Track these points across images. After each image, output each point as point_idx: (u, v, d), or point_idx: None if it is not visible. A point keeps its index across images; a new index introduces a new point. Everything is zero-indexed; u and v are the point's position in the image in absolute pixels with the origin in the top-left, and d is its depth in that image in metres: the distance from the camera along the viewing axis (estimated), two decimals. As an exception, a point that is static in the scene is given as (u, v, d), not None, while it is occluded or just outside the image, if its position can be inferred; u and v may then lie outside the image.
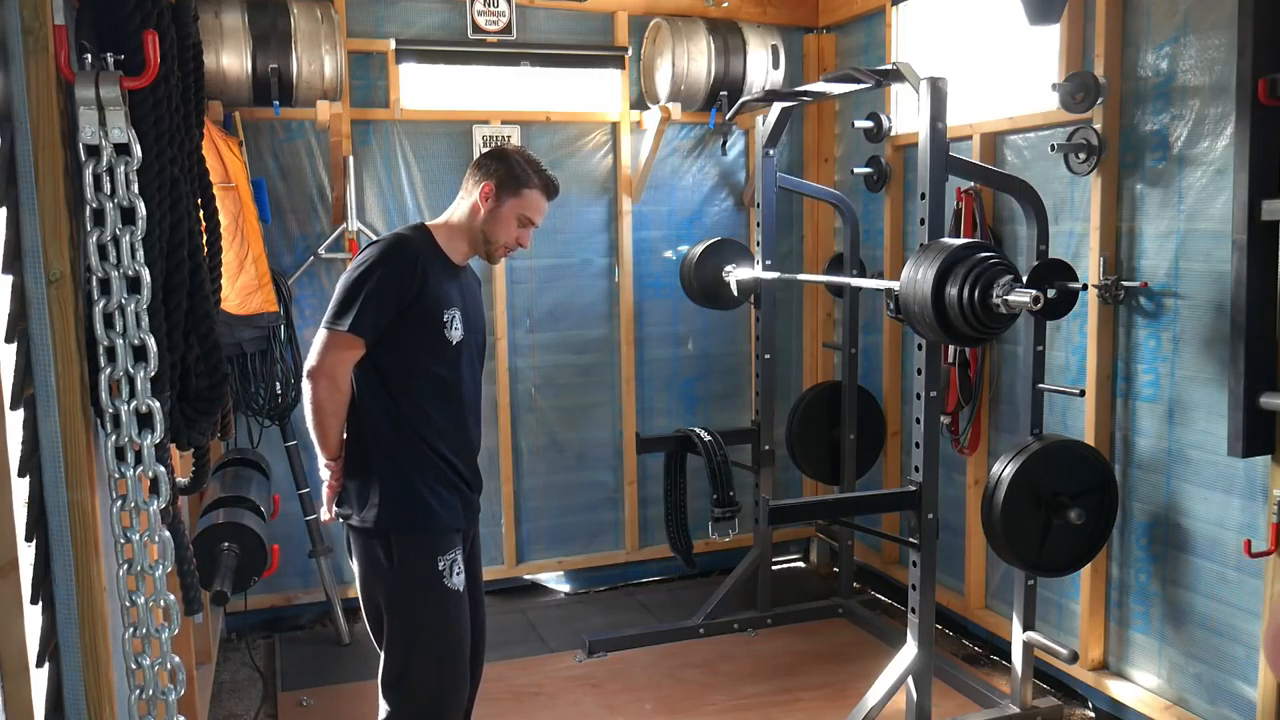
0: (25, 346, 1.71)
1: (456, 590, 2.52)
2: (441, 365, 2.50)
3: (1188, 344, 3.10)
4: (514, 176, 2.52)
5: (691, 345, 4.88)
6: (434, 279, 2.47)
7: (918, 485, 3.15)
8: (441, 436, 2.52)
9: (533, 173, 2.54)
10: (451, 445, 2.54)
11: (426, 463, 2.50)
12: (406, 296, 2.42)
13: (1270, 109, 2.53)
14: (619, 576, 4.84)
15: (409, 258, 2.44)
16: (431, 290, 2.45)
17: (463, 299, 2.56)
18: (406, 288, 2.42)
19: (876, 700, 3.16)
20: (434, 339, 2.47)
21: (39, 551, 1.74)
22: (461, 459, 2.57)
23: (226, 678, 3.90)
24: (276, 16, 3.82)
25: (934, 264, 2.73)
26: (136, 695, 1.90)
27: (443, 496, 2.51)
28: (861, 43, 4.61)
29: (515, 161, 2.55)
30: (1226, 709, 3.05)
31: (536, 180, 2.55)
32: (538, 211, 2.58)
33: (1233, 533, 2.98)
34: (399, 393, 2.47)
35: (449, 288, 2.52)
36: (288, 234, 4.22)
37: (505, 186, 2.52)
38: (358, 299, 2.39)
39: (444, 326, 2.48)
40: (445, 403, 2.53)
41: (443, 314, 2.48)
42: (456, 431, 2.56)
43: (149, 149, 1.84)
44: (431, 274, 2.46)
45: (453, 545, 2.53)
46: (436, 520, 2.50)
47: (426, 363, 2.48)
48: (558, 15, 4.47)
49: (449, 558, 2.51)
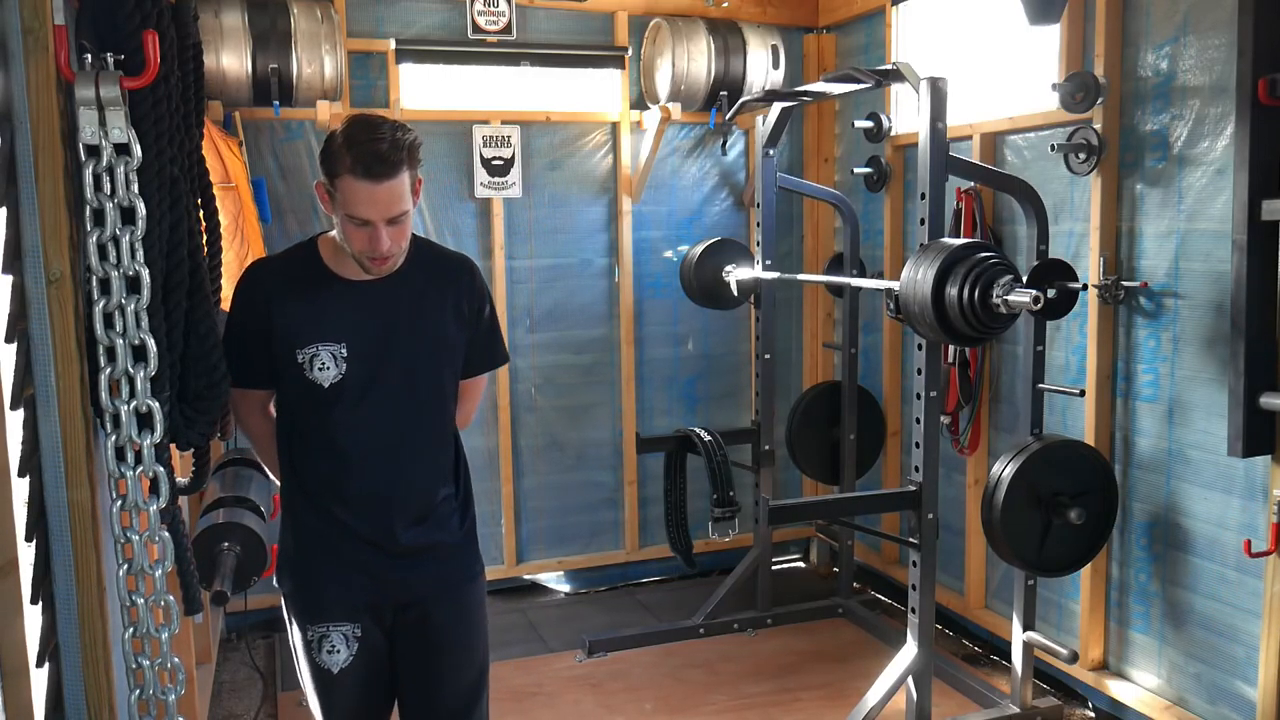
0: (25, 346, 1.70)
1: (328, 670, 2.11)
2: (313, 411, 2.06)
3: (1188, 344, 3.10)
4: (328, 164, 1.93)
5: (691, 345, 4.88)
6: (287, 309, 2.03)
7: (918, 485, 3.15)
8: (326, 488, 2.10)
9: (346, 150, 1.88)
10: (344, 502, 2.10)
11: (311, 519, 2.12)
12: (259, 337, 2.04)
13: (1270, 109, 2.53)
14: (619, 576, 4.84)
15: (247, 291, 2.08)
16: (282, 326, 2.02)
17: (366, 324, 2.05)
18: (251, 328, 2.05)
19: (876, 700, 3.16)
20: (297, 382, 2.04)
21: (39, 551, 1.74)
22: (352, 514, 2.10)
23: (226, 678, 3.90)
24: (276, 16, 3.82)
25: (934, 264, 2.72)
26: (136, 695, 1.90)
27: (324, 561, 2.12)
28: (861, 43, 4.61)
29: (333, 139, 1.93)
30: (1226, 709, 3.05)
31: (349, 160, 1.88)
32: (359, 203, 1.90)
33: (1232, 533, 2.98)
34: (290, 436, 2.13)
35: (318, 315, 2.03)
36: (288, 234, 4.21)
37: (329, 180, 1.94)
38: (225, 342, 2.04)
39: (302, 369, 2.02)
40: (329, 454, 2.09)
41: (296, 354, 2.02)
42: (349, 487, 2.09)
43: (149, 149, 1.84)
44: (283, 305, 2.03)
45: (328, 618, 2.11)
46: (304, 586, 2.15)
47: (298, 409, 2.09)
48: (558, 15, 4.47)
49: (319, 630, 2.11)
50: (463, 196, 4.44)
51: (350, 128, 1.91)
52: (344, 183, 1.89)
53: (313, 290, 2.04)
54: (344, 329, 2.03)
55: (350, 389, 2.04)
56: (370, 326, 2.05)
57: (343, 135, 1.90)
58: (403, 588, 2.14)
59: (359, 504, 2.09)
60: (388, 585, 2.13)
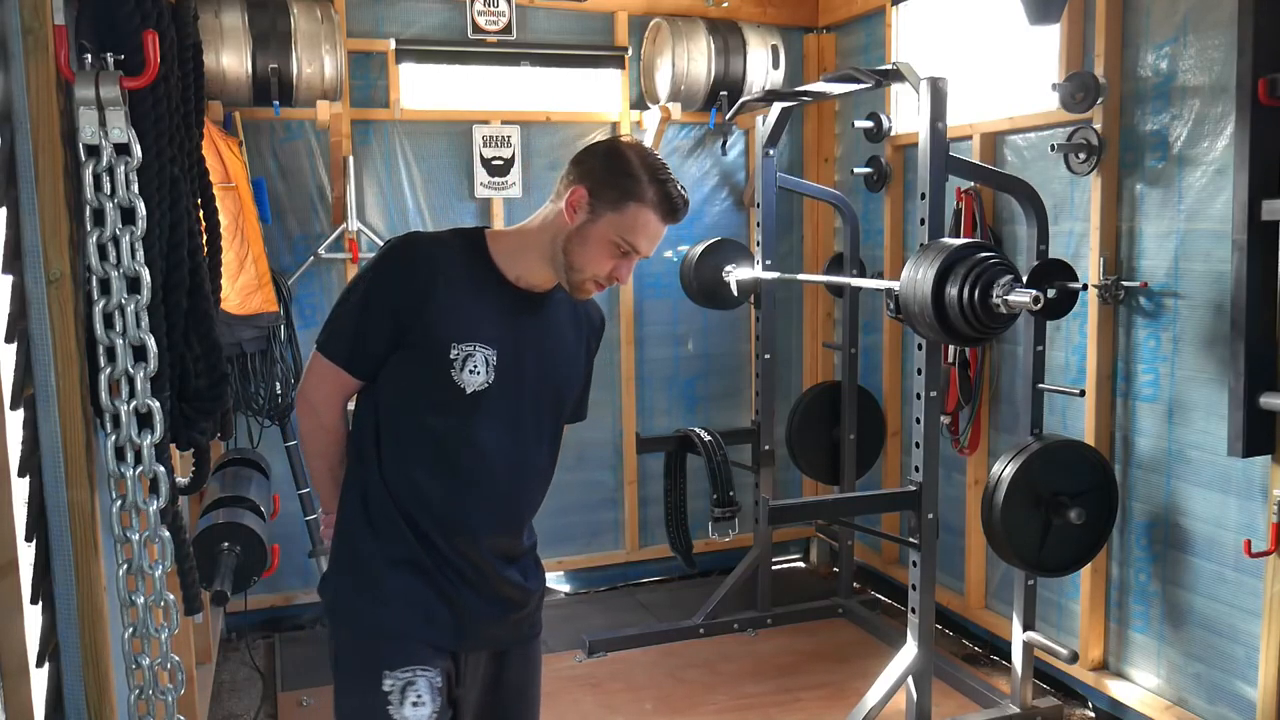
0: (25, 346, 1.71)
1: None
2: (441, 418, 1.81)
3: (1188, 344, 3.10)
4: (619, 181, 1.76)
5: (691, 345, 4.87)
6: (450, 298, 1.79)
7: (918, 485, 3.15)
8: (428, 513, 1.83)
9: (647, 181, 1.76)
10: (446, 530, 1.83)
11: (401, 544, 1.83)
12: (402, 318, 1.78)
13: (1270, 109, 2.53)
14: (619, 576, 4.84)
15: (409, 265, 1.80)
16: (438, 313, 1.78)
17: (517, 337, 1.84)
18: (401, 305, 1.78)
19: (876, 700, 3.16)
20: (434, 381, 1.79)
21: (39, 551, 1.74)
22: (455, 548, 1.84)
23: (226, 678, 3.90)
24: (276, 16, 3.82)
25: (934, 264, 2.72)
26: (136, 695, 1.90)
27: (413, 594, 1.83)
28: (861, 43, 4.61)
29: (626, 160, 1.78)
30: (1226, 709, 3.05)
31: (651, 192, 1.76)
32: (644, 236, 1.78)
33: (1232, 533, 2.98)
34: (386, 443, 1.84)
35: (480, 314, 1.81)
36: (288, 234, 4.22)
37: (603, 194, 1.77)
38: (337, 315, 1.85)
39: (450, 366, 1.78)
40: (445, 472, 1.83)
41: (450, 348, 1.78)
42: (453, 511, 1.84)
43: (149, 149, 1.84)
44: (448, 291, 1.79)
45: (415, 660, 1.80)
46: (388, 620, 1.82)
47: (422, 412, 1.82)
48: (558, 15, 4.47)
49: (403, 677, 1.79)
50: (463, 197, 4.44)
51: (647, 157, 1.79)
52: (637, 210, 1.76)
53: (479, 285, 1.83)
54: (498, 335, 1.82)
55: (491, 400, 1.82)
56: (518, 341, 1.85)
57: (640, 162, 1.77)
58: (488, 636, 1.91)
59: (467, 532, 1.85)
60: (475, 630, 1.88)
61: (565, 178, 1.82)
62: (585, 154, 1.83)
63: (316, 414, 1.89)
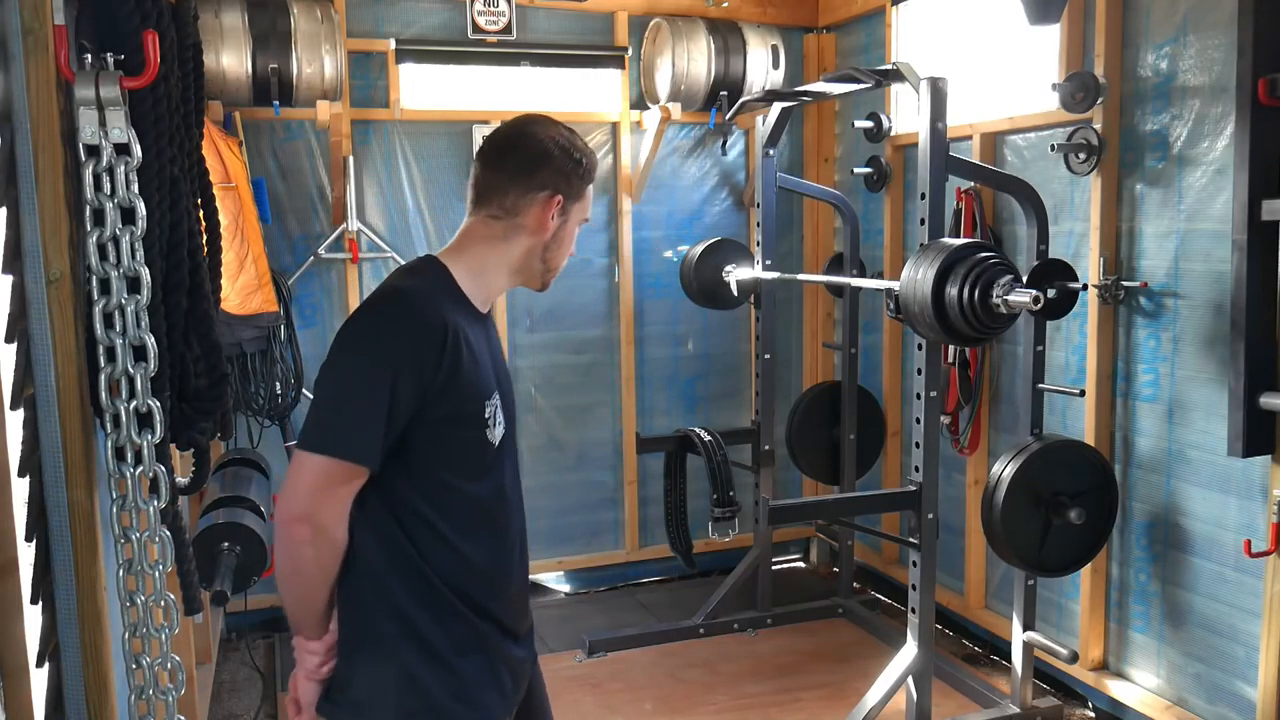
0: (25, 346, 1.71)
1: None
2: (479, 482, 1.66)
3: (1188, 344, 3.10)
4: (575, 171, 1.73)
5: (691, 345, 4.88)
6: (468, 353, 1.60)
7: (918, 485, 3.15)
8: (481, 581, 1.67)
9: (585, 158, 1.75)
10: (494, 592, 1.69)
11: (460, 626, 1.65)
12: (431, 394, 1.56)
13: (1270, 109, 2.53)
14: (619, 576, 4.84)
15: (427, 332, 1.56)
16: (466, 374, 1.59)
17: (495, 366, 1.73)
18: (429, 376, 1.55)
19: (876, 700, 3.16)
20: (470, 446, 1.64)
21: (39, 551, 1.74)
22: (504, 606, 1.72)
23: (226, 678, 3.90)
24: (276, 16, 3.82)
25: (934, 264, 2.73)
26: (136, 695, 1.90)
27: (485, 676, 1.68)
28: (861, 43, 4.61)
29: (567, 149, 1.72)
30: (1226, 709, 3.05)
31: (591, 165, 1.78)
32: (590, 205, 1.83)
33: (1232, 533, 2.98)
34: (416, 527, 1.62)
35: (481, 358, 1.66)
36: (288, 234, 4.22)
37: (570, 192, 1.73)
38: (341, 406, 1.56)
39: (485, 425, 1.64)
40: (488, 533, 1.69)
41: (484, 407, 1.64)
42: (500, 570, 1.72)
43: (149, 149, 1.84)
44: (470, 346, 1.61)
45: None
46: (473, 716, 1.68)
47: (461, 482, 1.64)
48: (558, 15, 4.47)
49: None
50: (462, 197, 4.37)
51: (566, 134, 1.74)
52: (588, 188, 1.78)
53: (474, 327, 1.67)
54: (491, 372, 1.69)
55: (506, 444, 1.72)
56: (496, 369, 1.73)
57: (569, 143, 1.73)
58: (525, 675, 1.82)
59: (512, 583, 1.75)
60: (521, 675, 1.78)
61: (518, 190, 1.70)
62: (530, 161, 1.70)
63: (325, 534, 1.59)
